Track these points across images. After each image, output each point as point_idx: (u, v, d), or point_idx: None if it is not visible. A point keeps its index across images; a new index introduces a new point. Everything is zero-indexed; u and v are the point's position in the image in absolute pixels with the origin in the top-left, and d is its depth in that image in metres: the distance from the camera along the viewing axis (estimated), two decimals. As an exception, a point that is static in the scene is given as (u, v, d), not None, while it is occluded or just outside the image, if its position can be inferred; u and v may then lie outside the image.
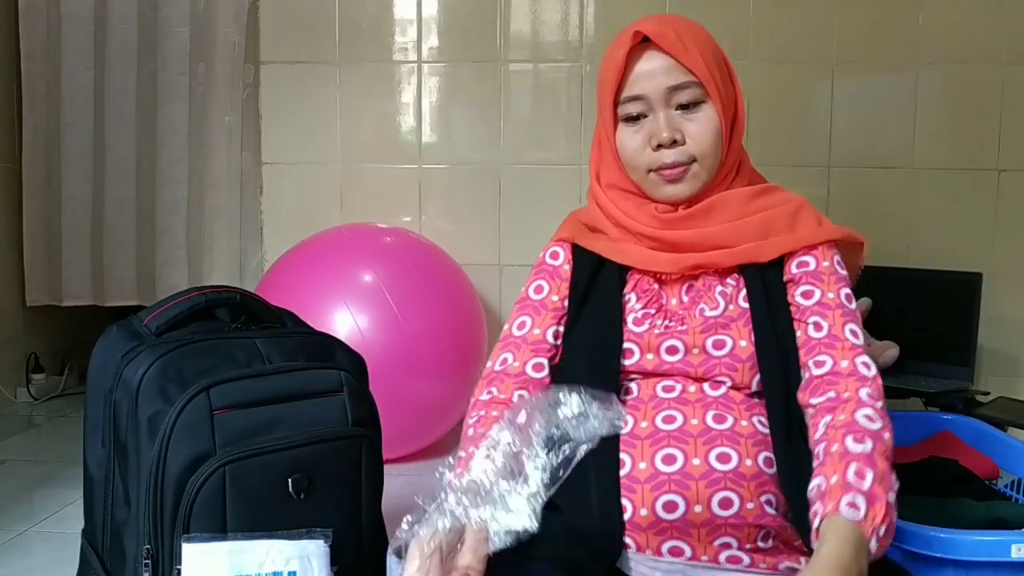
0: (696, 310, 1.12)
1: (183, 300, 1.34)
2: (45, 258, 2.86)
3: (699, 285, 1.14)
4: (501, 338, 1.21)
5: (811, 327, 1.09)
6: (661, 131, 1.11)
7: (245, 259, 2.78)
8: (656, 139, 1.12)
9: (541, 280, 1.22)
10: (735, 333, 1.09)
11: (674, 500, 1.01)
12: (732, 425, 1.04)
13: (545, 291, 1.20)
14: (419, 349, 2.13)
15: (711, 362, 1.09)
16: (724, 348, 1.09)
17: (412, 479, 2.11)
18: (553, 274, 1.21)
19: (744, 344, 1.08)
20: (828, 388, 1.04)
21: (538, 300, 1.20)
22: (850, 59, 2.48)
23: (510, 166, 2.61)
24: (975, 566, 1.08)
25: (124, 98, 2.77)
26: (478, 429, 1.11)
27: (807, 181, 2.52)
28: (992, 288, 2.33)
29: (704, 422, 1.05)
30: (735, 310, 1.11)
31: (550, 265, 1.22)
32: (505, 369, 1.17)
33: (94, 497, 1.29)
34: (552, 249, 1.23)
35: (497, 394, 1.15)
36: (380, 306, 2.11)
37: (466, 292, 2.36)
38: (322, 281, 2.15)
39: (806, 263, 1.13)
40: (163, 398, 1.19)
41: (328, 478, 1.23)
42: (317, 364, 1.30)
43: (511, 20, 2.57)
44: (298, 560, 1.14)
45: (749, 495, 1.01)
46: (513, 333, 1.19)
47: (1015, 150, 2.48)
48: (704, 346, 1.09)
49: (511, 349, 1.18)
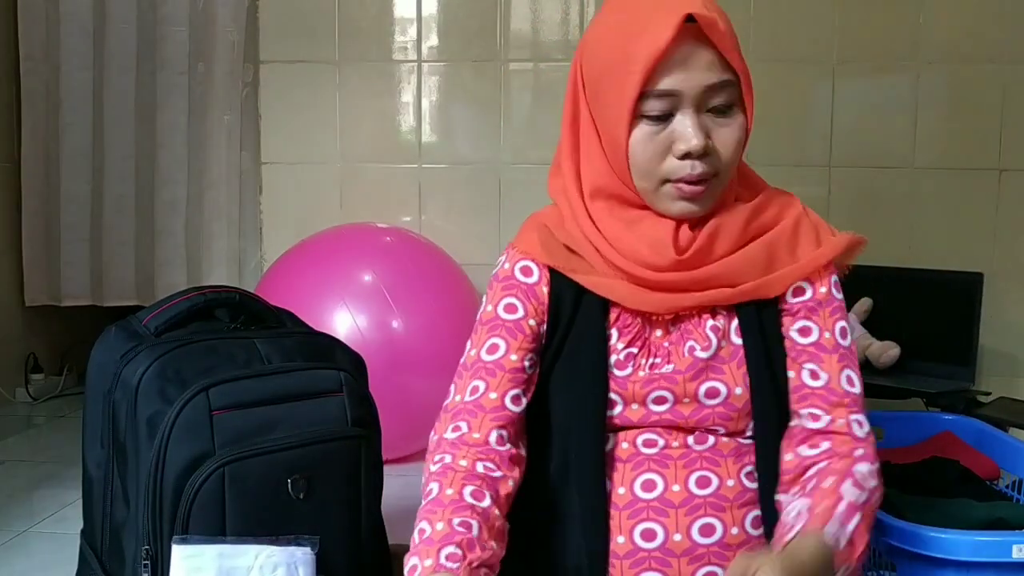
0: (684, 348, 1.01)
1: (182, 300, 1.33)
2: (44, 258, 2.86)
3: (687, 318, 1.02)
4: (466, 363, 1.05)
5: (807, 374, 1.01)
6: (692, 137, 0.95)
7: (244, 259, 2.78)
8: (685, 146, 0.95)
9: (512, 298, 1.05)
10: (729, 379, 1.00)
11: (652, 528, 0.97)
12: (717, 488, 0.98)
13: (519, 312, 1.04)
14: (419, 349, 2.13)
15: (703, 412, 1.00)
16: (718, 397, 0.99)
17: (412, 479, 2.10)
18: (528, 294, 1.04)
19: (740, 392, 0.99)
20: (822, 441, 0.98)
21: (511, 321, 1.04)
22: (850, 59, 2.48)
23: (510, 166, 2.60)
24: (976, 567, 1.08)
25: (123, 98, 2.77)
26: (443, 487, 0.95)
27: (807, 181, 2.52)
28: (993, 288, 2.32)
29: (686, 487, 0.98)
30: (727, 349, 1.01)
31: (522, 282, 1.05)
32: (478, 401, 1.01)
33: (93, 497, 1.29)
34: (523, 264, 1.06)
35: (468, 432, 0.99)
36: (380, 306, 2.11)
37: (466, 292, 2.36)
38: (322, 281, 2.15)
39: (803, 290, 1.03)
40: (162, 398, 1.18)
41: (328, 479, 1.23)
42: (316, 364, 1.30)
43: (511, 20, 2.57)
44: (285, 567, 1.14)
45: (732, 520, 0.98)
46: (483, 358, 1.03)
47: (1016, 150, 2.48)
48: (696, 395, 1.00)
49: (482, 376, 1.02)
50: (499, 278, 1.07)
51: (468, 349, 1.06)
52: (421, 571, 0.87)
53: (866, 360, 2.26)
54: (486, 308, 1.07)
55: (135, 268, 2.85)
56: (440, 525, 0.90)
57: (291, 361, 1.28)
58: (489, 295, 1.07)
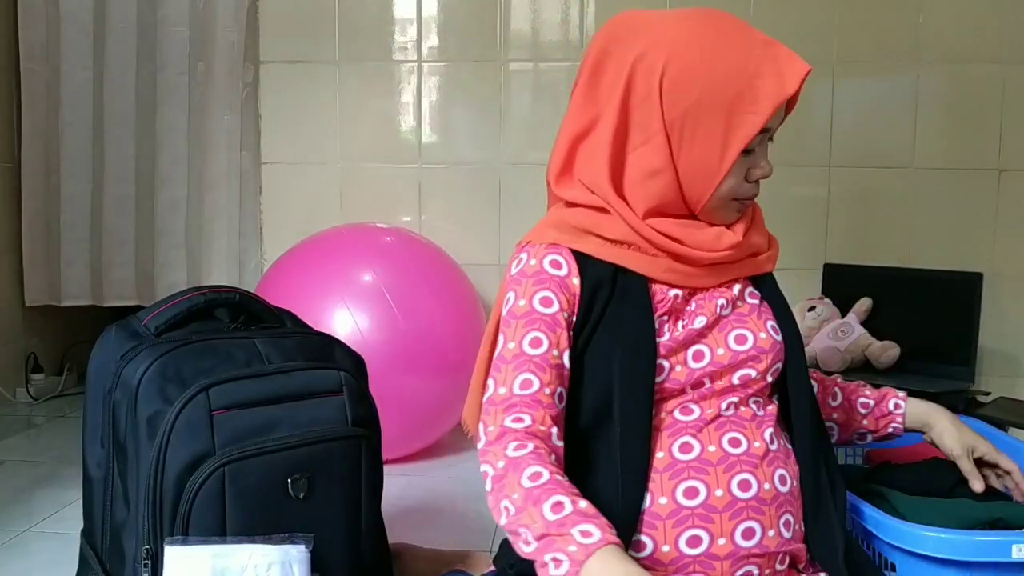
0: (708, 307, 1.09)
1: (182, 300, 1.33)
2: (44, 258, 2.86)
3: (710, 289, 1.11)
4: (508, 356, 1.04)
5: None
6: (768, 167, 1.08)
7: (244, 259, 2.78)
8: (760, 173, 1.08)
9: (547, 291, 1.05)
10: (752, 326, 1.09)
11: (698, 535, 1.00)
12: (747, 448, 1.04)
13: (555, 305, 1.05)
14: (419, 349, 2.13)
15: (739, 357, 1.07)
16: (746, 343, 1.08)
17: (412, 479, 2.11)
18: (561, 287, 1.06)
19: (764, 336, 1.09)
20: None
21: (548, 315, 1.04)
22: (850, 59, 2.48)
23: (510, 166, 2.61)
24: (976, 566, 1.08)
25: (123, 98, 2.77)
26: (552, 473, 0.94)
27: (807, 181, 2.52)
28: (993, 288, 2.33)
29: (721, 447, 1.03)
30: (745, 307, 1.11)
31: (553, 275, 1.06)
32: (535, 396, 1.01)
33: (93, 497, 1.29)
34: (551, 257, 1.07)
35: (533, 424, 0.99)
36: (380, 306, 2.11)
37: (466, 292, 2.36)
38: (322, 281, 2.15)
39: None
40: (162, 398, 1.18)
41: (328, 478, 1.23)
42: (317, 364, 1.30)
43: (511, 20, 2.57)
44: (279, 566, 1.14)
45: (769, 522, 1.02)
46: (527, 351, 1.03)
47: (1016, 150, 2.48)
48: (727, 342, 1.07)
49: (531, 370, 1.02)
50: (526, 273, 1.07)
51: (503, 342, 1.05)
52: (600, 538, 0.87)
53: (866, 360, 2.26)
54: (517, 303, 1.06)
55: (135, 268, 2.85)
56: (583, 503, 0.92)
57: (291, 361, 1.28)
58: (518, 291, 1.07)
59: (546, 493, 0.92)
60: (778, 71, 1.03)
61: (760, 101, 1.02)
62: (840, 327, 2.28)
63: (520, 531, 0.92)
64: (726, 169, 1.04)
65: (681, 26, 1.05)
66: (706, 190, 1.06)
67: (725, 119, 1.02)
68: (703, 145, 1.04)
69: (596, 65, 1.09)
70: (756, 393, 1.09)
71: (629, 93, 1.05)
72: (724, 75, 1.02)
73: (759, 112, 1.02)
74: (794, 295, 1.56)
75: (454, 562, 1.49)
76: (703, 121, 1.03)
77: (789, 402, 1.11)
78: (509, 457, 0.96)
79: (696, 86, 1.02)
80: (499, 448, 0.98)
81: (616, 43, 1.08)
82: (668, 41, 1.04)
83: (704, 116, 1.03)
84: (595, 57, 1.09)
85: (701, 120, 1.03)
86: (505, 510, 0.94)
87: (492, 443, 0.99)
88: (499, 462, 0.96)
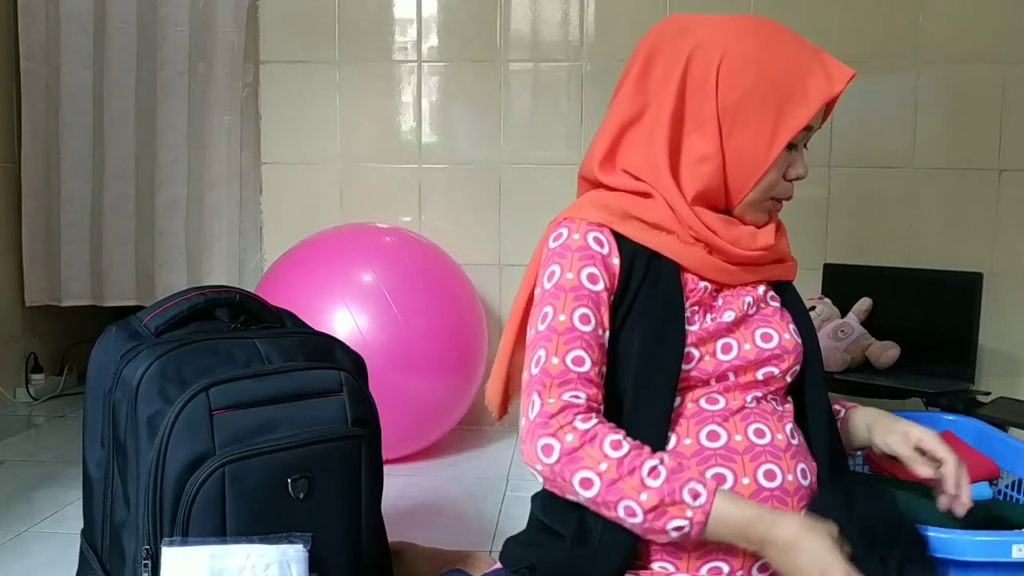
0: (736, 304, 1.12)
1: (182, 300, 1.33)
2: (44, 258, 2.86)
3: (737, 287, 1.15)
4: (560, 328, 1.04)
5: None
6: (805, 166, 1.13)
7: (244, 259, 2.78)
8: (798, 172, 1.13)
9: (593, 267, 1.06)
10: (776, 326, 1.12)
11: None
12: (771, 440, 1.06)
13: (601, 283, 1.06)
14: (419, 349, 2.13)
15: (765, 354, 1.10)
16: (771, 341, 1.10)
17: (412, 479, 2.11)
18: (605, 264, 1.06)
19: (788, 336, 1.12)
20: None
21: (595, 293, 1.05)
22: (850, 59, 2.43)
23: (510, 166, 2.61)
24: (976, 566, 1.08)
25: (123, 98, 2.77)
26: (632, 446, 0.99)
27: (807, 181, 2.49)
28: (992, 288, 2.33)
29: (747, 437, 1.06)
30: (768, 308, 1.14)
31: (597, 252, 1.07)
32: (586, 374, 1.03)
33: (93, 497, 1.29)
34: (595, 234, 1.07)
35: (588, 402, 1.02)
36: (380, 306, 2.11)
37: (466, 292, 2.36)
38: (322, 281, 2.15)
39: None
40: (162, 398, 1.18)
41: (328, 478, 1.23)
42: (317, 364, 1.30)
43: (511, 20, 2.57)
44: (277, 565, 1.14)
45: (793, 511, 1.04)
46: (577, 327, 1.03)
47: (1015, 150, 2.48)
48: (753, 339, 1.10)
49: (583, 347, 1.03)
50: (570, 248, 1.07)
51: (551, 314, 1.05)
52: (708, 495, 0.97)
53: (866, 360, 2.26)
54: (565, 275, 1.06)
55: (135, 268, 2.85)
56: (668, 459, 0.99)
57: (291, 361, 1.28)
58: (563, 264, 1.07)
59: (637, 460, 0.98)
60: (826, 72, 1.08)
61: (809, 96, 1.07)
62: (840, 327, 2.28)
63: (620, 502, 0.97)
64: (772, 159, 1.08)
65: (736, 22, 1.10)
66: (750, 180, 1.09)
67: (776, 110, 1.06)
68: (753, 134, 1.07)
69: (648, 60, 1.12)
70: (775, 391, 1.12)
71: (685, 80, 1.08)
72: (779, 67, 1.07)
73: (809, 106, 1.07)
74: (794, 295, 1.56)
75: (454, 562, 1.49)
76: (755, 110, 1.06)
77: (804, 406, 1.14)
78: (580, 430, 0.99)
79: (752, 74, 1.06)
80: (564, 420, 0.99)
81: (669, 39, 1.11)
82: (726, 34, 1.08)
83: (757, 105, 1.06)
84: (646, 53, 1.12)
85: (753, 109, 1.06)
86: (587, 482, 0.97)
87: (555, 415, 1.00)
88: (567, 435, 0.99)
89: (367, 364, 1.40)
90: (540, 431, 0.99)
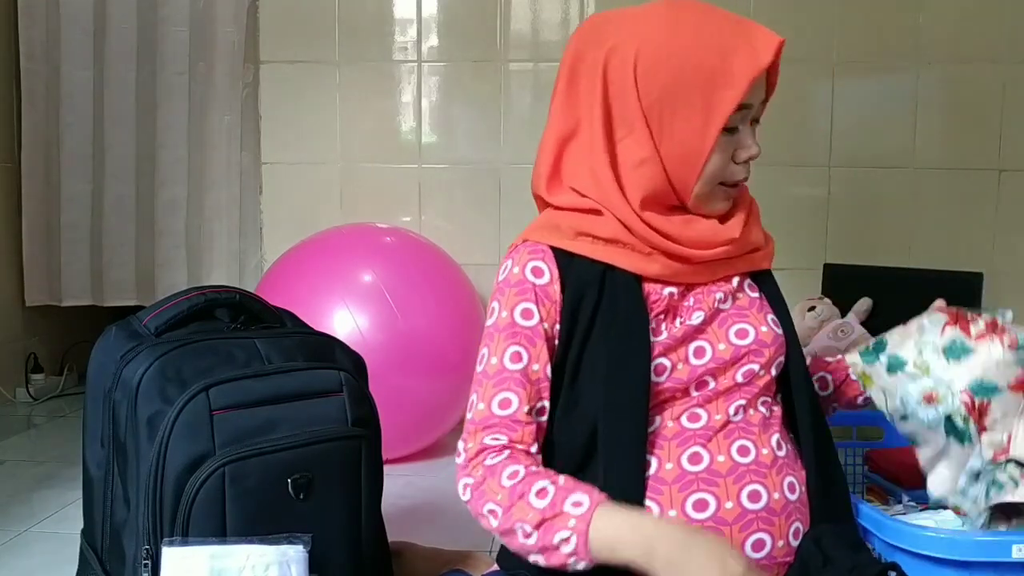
0: (706, 303, 1.09)
1: (182, 300, 1.33)
2: (44, 258, 2.86)
3: (707, 284, 1.11)
4: (487, 371, 1.05)
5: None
6: (753, 146, 1.07)
7: (245, 259, 2.78)
8: (747, 153, 1.06)
9: (527, 303, 1.05)
10: (753, 320, 1.09)
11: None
12: (756, 456, 1.04)
13: (535, 317, 1.05)
14: (419, 349, 2.13)
15: (740, 351, 1.07)
16: (747, 337, 1.07)
17: (412, 479, 2.11)
18: (542, 296, 1.06)
19: (765, 329, 1.09)
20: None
21: (528, 328, 1.05)
22: (850, 59, 2.48)
23: (510, 166, 2.61)
24: (975, 566, 1.07)
25: (123, 98, 2.77)
26: (527, 466, 0.99)
27: (807, 181, 2.52)
28: (993, 288, 2.32)
29: (730, 457, 1.03)
30: (744, 299, 1.11)
31: (534, 284, 1.06)
32: (513, 416, 1.02)
33: (93, 497, 1.29)
34: (533, 264, 1.07)
35: (510, 443, 1.01)
36: (380, 306, 2.11)
37: (466, 292, 2.36)
38: (322, 281, 2.15)
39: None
40: (162, 398, 1.18)
41: (328, 478, 1.23)
42: (317, 364, 1.30)
43: (511, 20, 2.57)
44: (277, 566, 1.14)
45: (779, 533, 1.02)
46: (507, 367, 1.03)
47: (1016, 150, 2.48)
48: (728, 337, 1.07)
49: (511, 388, 1.03)
50: (510, 283, 1.08)
51: (486, 356, 1.07)
52: (591, 502, 0.94)
53: (866, 360, 2.26)
54: (500, 314, 1.07)
55: (135, 268, 2.85)
56: (562, 479, 0.97)
57: (291, 361, 1.28)
58: (501, 301, 1.07)
59: (527, 484, 0.97)
60: (751, 46, 1.02)
61: (735, 76, 1.01)
62: (840, 327, 2.28)
63: (515, 528, 0.95)
64: (708, 149, 1.04)
65: (649, 15, 1.06)
66: (691, 173, 1.05)
67: (702, 98, 1.02)
68: (683, 127, 1.03)
69: (572, 71, 1.09)
70: (763, 392, 1.09)
71: (607, 87, 1.05)
72: (696, 53, 1.02)
73: (735, 87, 1.01)
74: (794, 295, 1.56)
75: (454, 562, 1.49)
76: (680, 102, 1.03)
77: (792, 402, 1.11)
78: (486, 466, 1.01)
79: (668, 67, 1.02)
80: (477, 461, 1.02)
81: (588, 45, 1.08)
82: (637, 30, 1.05)
83: (680, 97, 1.02)
84: (570, 64, 1.09)
85: (678, 102, 1.03)
86: (491, 513, 0.98)
87: (471, 458, 1.03)
88: (477, 471, 1.01)
89: (367, 364, 1.40)
90: (459, 473, 1.04)
